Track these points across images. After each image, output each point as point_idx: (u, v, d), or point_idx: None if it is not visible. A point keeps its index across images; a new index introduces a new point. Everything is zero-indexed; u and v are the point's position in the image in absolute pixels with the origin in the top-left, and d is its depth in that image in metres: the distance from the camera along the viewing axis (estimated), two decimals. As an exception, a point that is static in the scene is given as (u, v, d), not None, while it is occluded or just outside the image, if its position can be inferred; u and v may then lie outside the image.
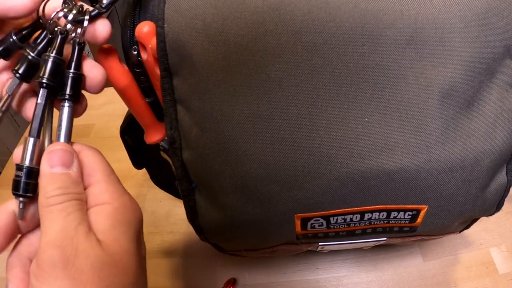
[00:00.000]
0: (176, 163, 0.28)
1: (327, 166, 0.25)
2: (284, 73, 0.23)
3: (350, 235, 0.30)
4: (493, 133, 0.25)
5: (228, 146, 0.26)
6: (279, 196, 0.27)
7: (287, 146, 0.25)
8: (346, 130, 0.24)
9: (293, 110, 0.24)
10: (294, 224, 0.29)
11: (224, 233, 0.32)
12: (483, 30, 0.23)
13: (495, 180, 0.28)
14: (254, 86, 0.24)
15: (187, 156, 0.28)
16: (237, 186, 0.27)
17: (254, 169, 0.26)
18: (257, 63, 0.23)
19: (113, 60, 0.27)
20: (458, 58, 0.23)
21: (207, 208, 0.30)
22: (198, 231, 0.32)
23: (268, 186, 0.26)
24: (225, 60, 0.24)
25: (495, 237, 0.45)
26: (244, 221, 0.29)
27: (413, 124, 0.24)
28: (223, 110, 0.25)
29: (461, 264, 0.43)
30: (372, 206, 0.28)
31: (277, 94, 0.24)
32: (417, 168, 0.25)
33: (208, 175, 0.27)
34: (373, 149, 0.25)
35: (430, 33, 0.23)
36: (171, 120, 0.27)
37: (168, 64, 0.25)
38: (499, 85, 0.25)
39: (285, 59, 0.23)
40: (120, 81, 0.28)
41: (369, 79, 0.23)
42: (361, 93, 0.24)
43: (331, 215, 0.28)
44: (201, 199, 0.30)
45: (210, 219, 0.30)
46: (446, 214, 0.29)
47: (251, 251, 0.35)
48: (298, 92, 0.24)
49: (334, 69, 0.23)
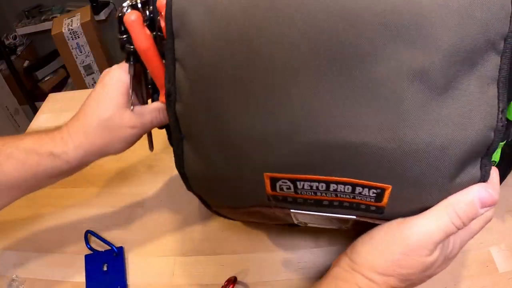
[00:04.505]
0: (170, 113, 0.32)
1: (296, 132, 0.27)
2: (265, 44, 0.26)
3: (318, 204, 0.31)
4: (467, 124, 0.25)
5: (212, 104, 0.29)
6: (251, 153, 0.29)
7: (262, 110, 0.28)
8: (318, 101, 0.26)
9: (270, 78, 0.27)
10: (264, 183, 0.31)
11: (205, 184, 0.35)
12: (465, 21, 0.24)
13: (466, 172, 0.28)
14: (238, 53, 0.27)
15: (179, 109, 0.32)
16: (216, 141, 0.30)
17: (231, 127, 0.29)
18: (242, 33, 0.27)
19: (138, 25, 0.33)
20: (434, 45, 0.24)
21: (192, 158, 0.33)
22: (184, 179, 0.36)
23: (244, 143, 0.29)
24: (216, 28, 0.27)
25: (495, 236, 0.45)
26: (220, 174, 0.32)
27: (379, 103, 0.25)
28: (210, 71, 0.28)
29: (461, 263, 0.43)
30: (338, 177, 0.28)
31: (257, 62, 0.27)
32: (380, 145, 0.26)
33: (194, 128, 0.32)
34: (340, 121, 0.26)
35: (408, 17, 0.24)
36: (170, 76, 0.31)
37: (172, 28, 0.29)
38: (479, 77, 0.25)
39: (267, 32, 0.26)
40: (144, 43, 0.34)
41: (343, 56, 0.25)
42: (334, 68, 0.25)
43: (298, 179, 0.29)
44: (188, 148, 0.33)
45: (194, 169, 0.34)
46: (412, 197, 0.28)
47: (232, 210, 0.38)
48: (276, 62, 0.26)
49: (311, 44, 0.25)
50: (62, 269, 0.49)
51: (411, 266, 0.29)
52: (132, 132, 0.38)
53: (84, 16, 1.74)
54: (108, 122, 0.37)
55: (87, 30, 1.72)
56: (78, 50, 1.77)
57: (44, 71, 2.02)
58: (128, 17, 0.33)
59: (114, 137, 0.38)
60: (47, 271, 0.49)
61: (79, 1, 1.90)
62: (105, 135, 0.37)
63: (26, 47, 2.05)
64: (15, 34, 1.98)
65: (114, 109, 0.37)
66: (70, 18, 1.75)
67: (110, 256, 0.49)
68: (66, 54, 1.77)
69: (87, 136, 0.37)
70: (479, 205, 0.28)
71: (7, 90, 1.73)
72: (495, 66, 0.25)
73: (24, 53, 2.03)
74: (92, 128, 0.37)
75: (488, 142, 0.26)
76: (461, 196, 0.28)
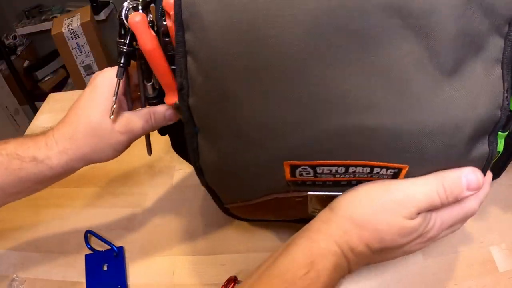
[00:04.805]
0: (183, 108, 0.32)
1: (315, 119, 0.28)
2: (280, 32, 0.26)
3: (336, 185, 0.32)
4: (475, 103, 0.27)
5: (227, 94, 0.29)
6: (270, 143, 0.29)
7: (278, 97, 0.28)
8: (334, 87, 0.27)
9: (286, 65, 0.27)
10: (284, 171, 0.31)
11: (221, 176, 0.35)
12: (471, 5, 0.25)
13: (476, 149, 0.29)
14: (252, 42, 0.27)
15: (192, 102, 0.31)
16: (233, 131, 0.30)
17: (248, 117, 0.29)
18: (254, 21, 0.26)
19: (143, 26, 0.33)
20: (442, 30, 0.25)
21: (207, 151, 0.33)
22: (199, 173, 0.36)
23: (261, 133, 0.29)
24: (228, 18, 0.27)
25: (496, 235, 0.45)
26: (238, 165, 0.32)
27: (394, 87, 0.26)
28: (223, 61, 0.28)
29: (461, 262, 0.43)
30: (356, 161, 0.29)
31: (271, 50, 0.26)
32: (398, 127, 0.27)
33: (209, 120, 0.31)
34: (357, 106, 0.27)
35: (418, 5, 0.25)
36: (181, 69, 0.31)
37: (181, 20, 0.29)
38: (484, 59, 0.27)
39: (279, 19, 0.26)
40: (148, 44, 0.33)
41: (356, 42, 0.26)
42: (348, 54, 0.26)
43: (318, 165, 0.30)
44: (203, 142, 0.33)
45: (209, 162, 0.34)
46: None
47: (246, 202, 0.37)
48: (290, 49, 0.26)
49: (325, 31, 0.26)
50: (62, 269, 0.49)
51: (388, 223, 0.29)
52: (121, 138, 0.36)
53: (84, 16, 1.74)
54: (95, 127, 0.35)
55: (87, 30, 1.72)
56: (78, 50, 1.77)
57: (44, 71, 2.02)
58: (133, 18, 0.33)
59: (101, 143, 0.36)
60: (47, 271, 0.49)
61: (79, 1, 1.90)
62: (91, 141, 0.35)
63: (26, 47, 2.05)
64: (15, 34, 1.98)
65: (103, 114, 0.35)
66: (70, 18, 1.75)
67: (110, 256, 0.49)
68: (66, 54, 1.77)
69: (72, 142, 0.35)
70: (465, 184, 0.29)
71: (7, 90, 1.73)
72: (499, 48, 0.27)
73: (24, 53, 2.03)
74: (78, 133, 0.35)
75: (495, 120, 0.28)
76: (451, 171, 0.29)
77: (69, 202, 0.56)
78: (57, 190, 0.58)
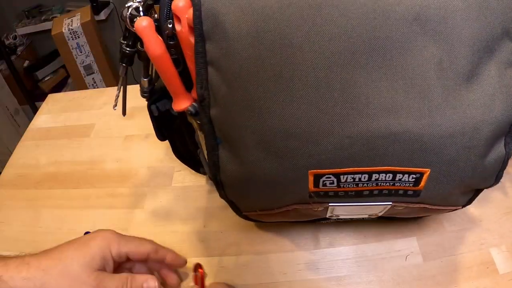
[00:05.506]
0: (204, 120, 0.32)
1: (339, 125, 0.28)
2: (305, 40, 0.27)
3: (358, 195, 0.33)
4: (492, 105, 0.28)
5: (252, 103, 0.29)
6: (296, 152, 0.30)
7: (304, 105, 0.28)
8: (358, 93, 0.27)
9: (311, 73, 0.27)
10: (308, 181, 0.31)
11: (243, 189, 0.35)
12: (483, 11, 0.26)
13: (494, 150, 0.30)
14: (278, 51, 0.27)
15: (215, 113, 0.31)
16: (258, 141, 0.30)
17: (274, 125, 0.29)
18: (281, 30, 0.27)
19: (150, 31, 0.32)
20: (458, 35, 0.26)
21: (229, 163, 0.33)
22: (219, 187, 0.36)
23: (286, 142, 0.29)
24: (253, 27, 0.27)
25: (496, 237, 0.45)
26: (262, 175, 0.32)
27: (416, 91, 0.27)
28: (249, 70, 0.28)
29: (461, 264, 0.43)
30: (379, 167, 0.30)
31: (297, 58, 0.27)
32: (420, 131, 0.28)
33: (233, 131, 0.31)
34: (381, 111, 0.28)
35: (434, 12, 0.26)
36: (202, 80, 0.30)
37: (202, 30, 0.29)
38: (497, 62, 0.28)
39: (306, 28, 0.27)
40: (157, 50, 0.32)
41: (379, 48, 0.27)
42: (371, 60, 0.27)
43: (342, 173, 0.31)
44: (224, 154, 0.33)
45: (231, 174, 0.33)
46: (447, 179, 0.31)
47: (265, 212, 0.38)
48: (316, 57, 0.27)
49: (349, 39, 0.26)
50: (62, 270, 0.48)
51: None
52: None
53: (84, 16, 1.75)
54: (72, 274, 0.36)
55: (87, 30, 1.72)
56: (78, 50, 1.77)
57: (44, 71, 2.03)
58: (140, 23, 0.32)
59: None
60: (47, 272, 0.48)
61: (79, 1, 1.90)
62: (62, 283, 0.36)
63: (26, 47, 2.05)
64: (15, 34, 1.98)
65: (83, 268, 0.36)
66: (70, 18, 1.75)
67: (109, 257, 0.48)
68: (66, 54, 1.77)
69: (44, 274, 0.36)
70: None
71: (7, 90, 1.73)
72: (510, 51, 0.28)
73: (24, 53, 2.03)
74: (53, 270, 0.36)
75: (510, 121, 0.29)
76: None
77: (68, 203, 0.56)
78: (57, 191, 0.58)
